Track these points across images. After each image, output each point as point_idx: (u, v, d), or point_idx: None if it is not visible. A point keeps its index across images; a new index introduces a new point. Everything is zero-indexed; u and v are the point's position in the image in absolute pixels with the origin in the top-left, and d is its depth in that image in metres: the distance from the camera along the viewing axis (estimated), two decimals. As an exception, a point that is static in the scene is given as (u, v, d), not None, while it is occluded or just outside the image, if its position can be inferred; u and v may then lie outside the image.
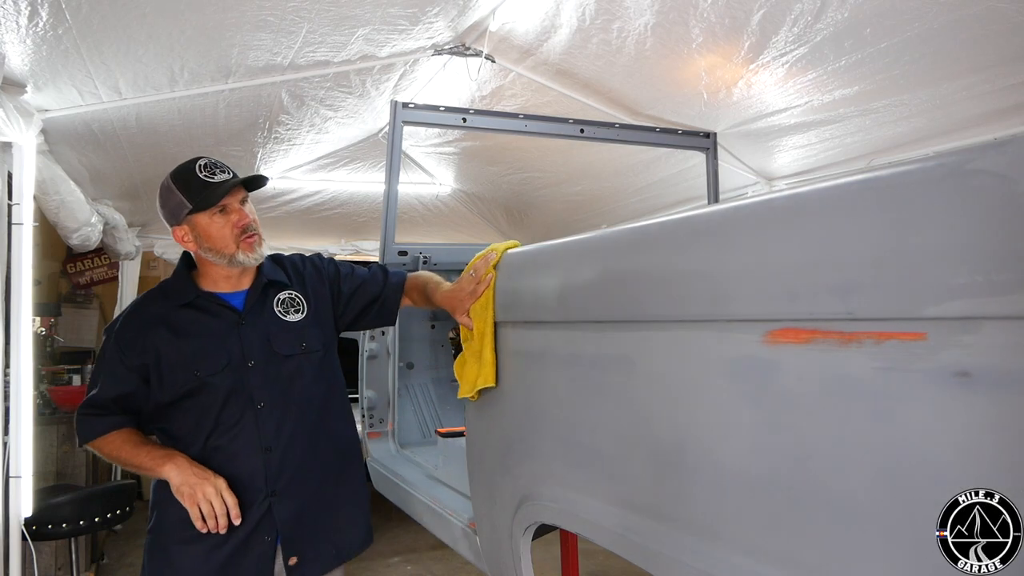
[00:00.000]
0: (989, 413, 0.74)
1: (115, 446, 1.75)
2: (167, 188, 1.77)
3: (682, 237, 1.20)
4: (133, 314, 1.81)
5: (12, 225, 2.60)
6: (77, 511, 3.20)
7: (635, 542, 1.22)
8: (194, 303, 1.80)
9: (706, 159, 3.45)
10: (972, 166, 0.77)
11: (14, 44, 2.31)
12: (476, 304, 1.75)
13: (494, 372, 1.71)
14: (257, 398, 1.76)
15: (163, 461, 1.69)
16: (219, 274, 1.82)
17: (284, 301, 1.87)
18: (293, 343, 1.83)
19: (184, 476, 1.66)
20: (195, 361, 1.74)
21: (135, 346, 1.75)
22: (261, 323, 1.81)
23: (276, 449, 1.76)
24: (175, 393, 1.74)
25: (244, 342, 1.78)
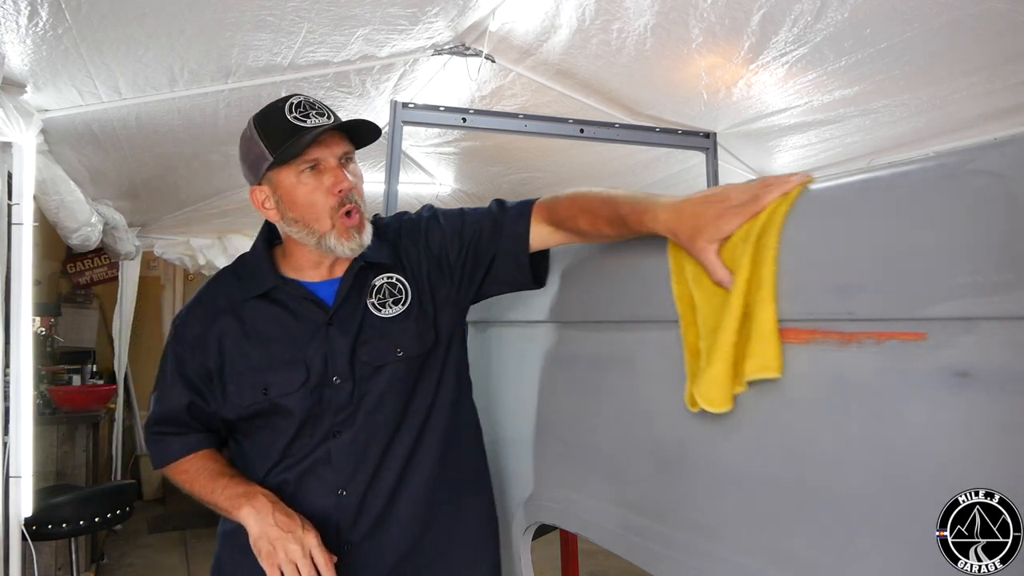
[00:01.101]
0: (989, 413, 0.74)
1: (189, 476, 1.39)
2: (247, 135, 1.34)
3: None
4: (198, 303, 1.44)
5: (12, 225, 2.60)
6: (77, 511, 3.21)
7: (635, 542, 1.22)
8: (272, 294, 1.38)
9: (706, 159, 3.45)
10: (972, 166, 0.77)
11: (14, 44, 2.30)
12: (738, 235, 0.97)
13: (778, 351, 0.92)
14: (337, 426, 1.36)
15: (241, 502, 1.30)
16: (307, 258, 1.39)
17: (382, 289, 1.39)
18: (386, 349, 1.37)
19: (263, 527, 1.26)
20: (265, 375, 1.35)
21: (198, 344, 1.39)
22: (353, 323, 1.37)
23: (352, 494, 1.36)
24: (238, 411, 1.38)
25: (330, 351, 1.35)
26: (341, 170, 1.32)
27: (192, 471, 1.39)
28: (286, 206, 1.33)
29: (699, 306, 1.02)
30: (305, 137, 1.27)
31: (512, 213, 1.40)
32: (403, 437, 1.39)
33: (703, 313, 1.01)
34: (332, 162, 1.32)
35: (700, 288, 1.03)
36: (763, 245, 0.94)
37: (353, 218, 1.33)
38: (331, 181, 1.31)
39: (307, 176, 1.31)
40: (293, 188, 1.31)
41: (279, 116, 1.29)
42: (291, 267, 1.42)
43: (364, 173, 1.43)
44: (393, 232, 1.46)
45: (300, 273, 1.41)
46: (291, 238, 1.39)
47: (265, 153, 1.30)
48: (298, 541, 1.25)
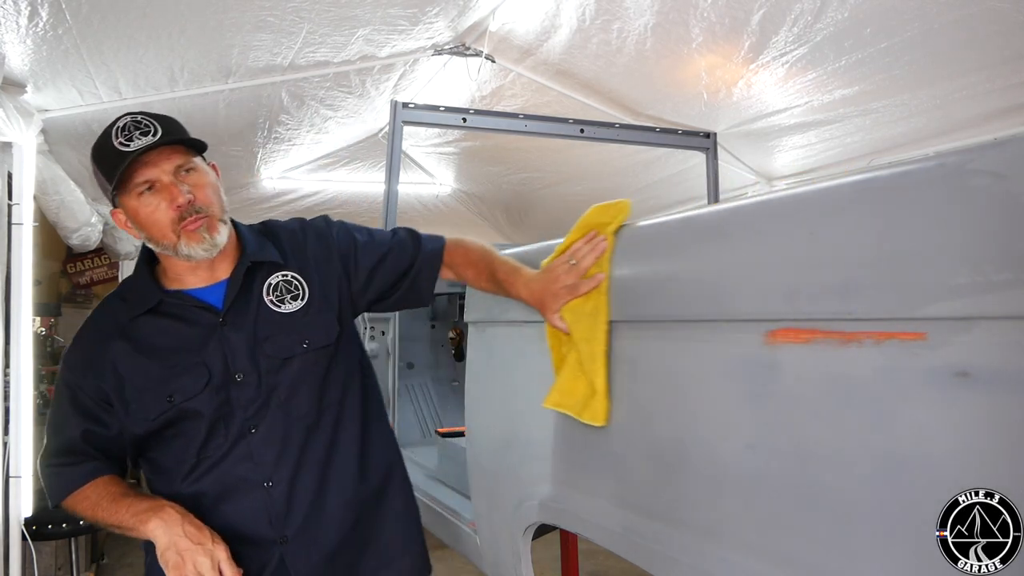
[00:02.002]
0: (989, 413, 0.74)
1: (91, 503, 1.34)
2: (93, 169, 1.36)
3: (682, 237, 1.20)
4: (85, 331, 1.42)
5: (12, 225, 2.60)
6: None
7: (635, 542, 1.22)
8: (159, 308, 1.38)
9: (706, 159, 3.45)
10: (972, 166, 0.77)
11: (14, 44, 2.31)
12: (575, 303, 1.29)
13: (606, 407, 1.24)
14: (249, 421, 1.36)
15: (148, 516, 1.26)
16: (182, 267, 1.39)
17: (278, 286, 1.42)
18: (292, 341, 1.39)
19: (172, 537, 1.23)
20: (167, 384, 1.34)
21: (91, 369, 1.37)
22: (248, 321, 1.38)
23: (279, 483, 1.37)
24: (146, 425, 1.35)
25: (228, 349, 1.36)
26: (175, 187, 1.31)
27: (93, 497, 1.34)
28: (138, 226, 1.35)
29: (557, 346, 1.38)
30: (123, 164, 1.27)
31: (427, 248, 1.55)
32: (323, 428, 1.42)
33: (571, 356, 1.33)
34: (165, 180, 1.32)
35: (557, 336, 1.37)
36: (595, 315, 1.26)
37: (197, 223, 1.32)
38: (169, 196, 1.31)
39: (147, 197, 1.31)
40: (136, 210, 1.33)
41: (107, 143, 1.31)
42: (173, 278, 1.42)
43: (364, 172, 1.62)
44: (294, 232, 1.52)
45: (182, 283, 1.41)
46: (161, 255, 1.40)
47: (105, 183, 1.33)
48: (207, 554, 1.22)
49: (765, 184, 3.93)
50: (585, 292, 1.27)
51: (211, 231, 1.34)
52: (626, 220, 1.31)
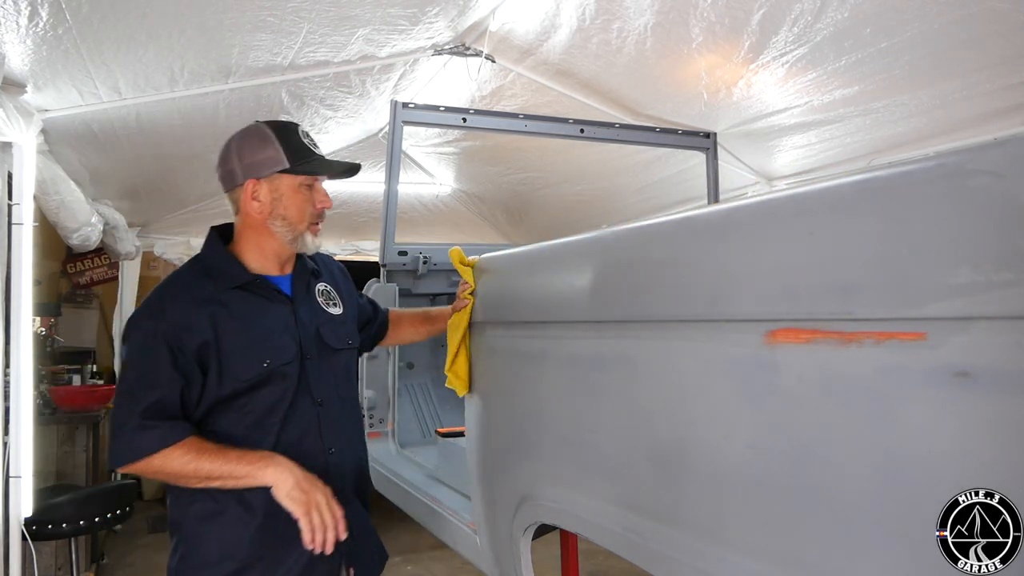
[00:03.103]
0: (989, 413, 0.74)
1: (189, 457, 1.44)
2: (259, 134, 1.57)
3: (682, 237, 1.21)
4: (178, 294, 1.54)
5: (12, 225, 2.60)
6: (77, 511, 3.20)
7: (635, 542, 1.22)
8: (246, 286, 1.57)
9: (706, 159, 3.45)
10: (972, 166, 0.77)
11: (14, 44, 2.31)
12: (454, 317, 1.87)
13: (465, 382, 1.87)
14: (318, 395, 1.60)
15: (265, 463, 1.45)
16: (270, 251, 1.61)
17: (323, 293, 1.71)
18: (341, 337, 1.69)
19: (296, 479, 1.44)
20: (263, 348, 1.52)
21: (191, 327, 1.48)
22: (310, 312, 1.64)
23: (338, 451, 1.62)
24: (236, 386, 1.50)
25: (302, 332, 1.60)
26: (327, 196, 1.63)
27: (193, 451, 1.45)
28: (282, 204, 1.57)
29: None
30: (326, 164, 1.61)
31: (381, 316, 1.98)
32: (355, 410, 1.74)
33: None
34: (322, 187, 1.63)
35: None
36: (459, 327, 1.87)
37: (318, 226, 1.64)
38: (321, 199, 1.62)
39: (304, 190, 1.59)
40: (292, 194, 1.57)
41: (295, 135, 1.59)
42: (253, 262, 1.62)
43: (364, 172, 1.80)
44: (325, 260, 1.83)
45: (259, 268, 1.62)
46: (265, 234, 1.60)
47: (282, 159, 1.55)
48: (323, 493, 1.46)
49: (765, 184, 3.93)
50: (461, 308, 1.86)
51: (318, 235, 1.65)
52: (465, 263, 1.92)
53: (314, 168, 1.58)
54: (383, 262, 2.91)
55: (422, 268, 3.00)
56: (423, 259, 2.99)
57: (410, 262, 2.98)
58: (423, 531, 2.44)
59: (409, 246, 2.99)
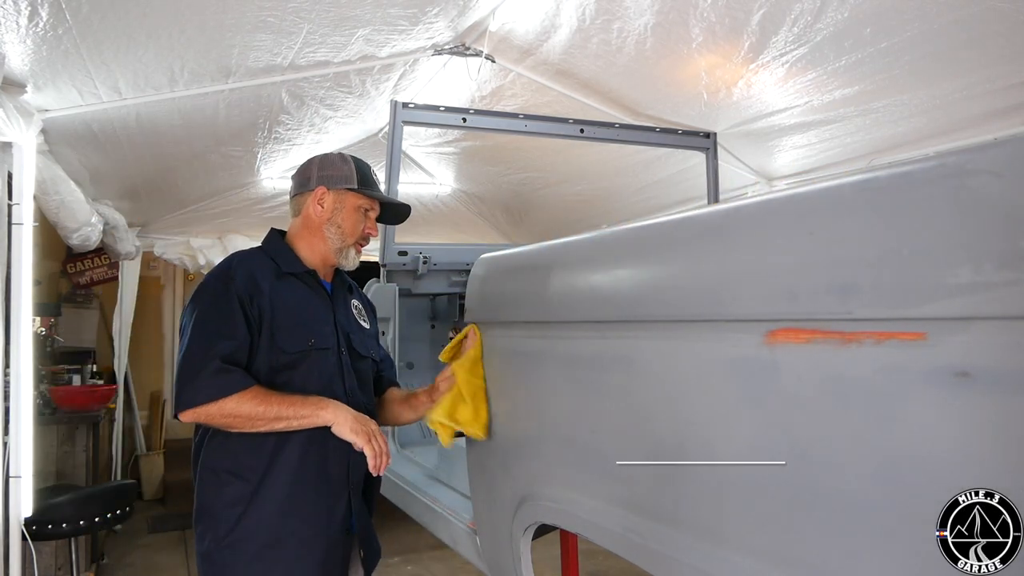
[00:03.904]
0: (989, 413, 0.74)
1: (260, 399, 1.59)
2: (341, 158, 1.85)
3: (682, 237, 1.21)
4: (246, 265, 1.73)
5: (12, 225, 2.60)
6: (77, 511, 3.20)
7: (635, 542, 1.22)
8: (300, 276, 1.78)
9: (706, 159, 3.45)
10: (972, 166, 0.77)
11: (14, 44, 2.31)
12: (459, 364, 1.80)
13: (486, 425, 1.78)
14: (348, 387, 1.76)
15: (324, 403, 1.65)
16: (319, 255, 1.82)
17: (356, 307, 1.91)
18: (367, 346, 1.87)
19: (352, 414, 1.65)
20: (309, 327, 1.72)
21: (257, 292, 1.67)
22: (346, 318, 1.83)
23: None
24: (281, 358, 1.66)
25: (339, 329, 1.79)
26: (376, 225, 1.88)
27: (261, 395, 1.60)
28: (342, 216, 1.81)
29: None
30: (382, 195, 1.88)
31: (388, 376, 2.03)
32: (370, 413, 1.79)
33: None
34: (374, 216, 1.88)
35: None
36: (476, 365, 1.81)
37: (362, 247, 1.87)
38: (370, 226, 1.86)
39: (361, 212, 1.83)
40: (350, 211, 1.82)
41: (368, 169, 1.87)
42: (305, 260, 1.82)
43: None
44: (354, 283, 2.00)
45: (311, 267, 1.81)
46: (319, 238, 1.81)
47: (353, 179, 1.82)
48: (376, 426, 1.67)
49: (765, 184, 3.93)
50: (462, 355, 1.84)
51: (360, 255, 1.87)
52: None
53: (376, 195, 1.85)
54: (383, 262, 2.91)
55: (422, 268, 3.00)
56: (423, 259, 2.99)
57: (410, 262, 2.98)
58: (423, 531, 2.44)
59: (409, 246, 2.99)
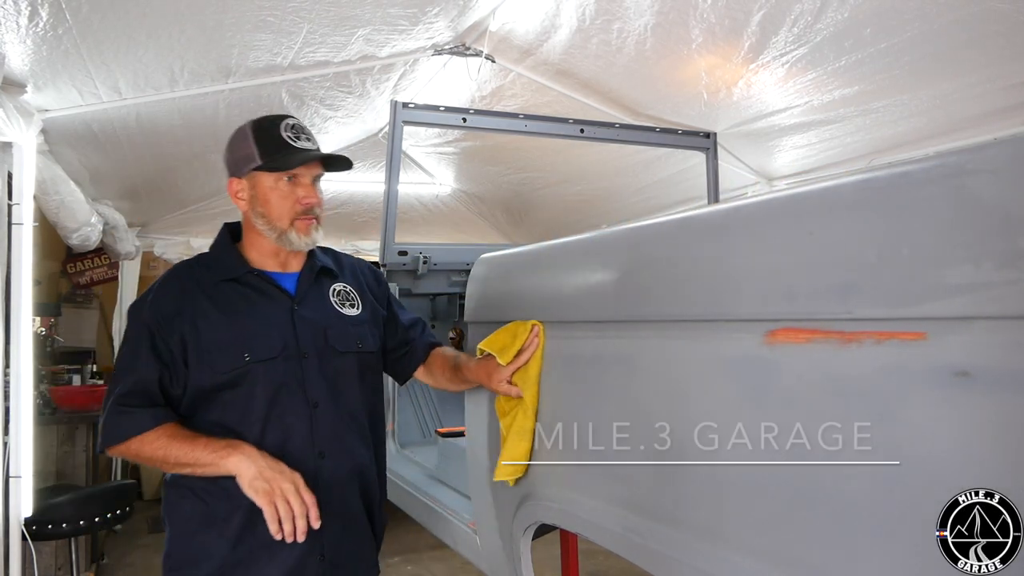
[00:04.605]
0: (989, 413, 0.74)
1: (161, 443, 1.44)
2: (242, 134, 1.58)
3: (682, 237, 1.21)
4: (168, 282, 1.56)
5: (12, 225, 2.60)
6: (77, 511, 3.20)
7: (635, 542, 1.22)
8: (242, 279, 1.57)
9: (706, 159, 3.45)
10: (972, 166, 0.77)
11: (14, 44, 2.31)
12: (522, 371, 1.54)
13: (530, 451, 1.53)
14: (312, 395, 1.54)
15: (227, 452, 1.41)
16: (267, 248, 1.60)
17: (339, 292, 1.67)
18: (349, 338, 1.61)
19: (258, 468, 1.39)
20: (245, 342, 1.50)
21: (174, 316, 1.49)
22: (315, 311, 1.60)
23: (330, 456, 1.54)
24: (217, 378, 1.48)
25: (300, 329, 1.56)
26: (312, 188, 1.57)
27: (165, 438, 1.44)
28: (259, 202, 1.55)
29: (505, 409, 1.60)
30: (296, 157, 1.53)
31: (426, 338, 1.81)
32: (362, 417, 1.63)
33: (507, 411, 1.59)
34: (307, 179, 1.57)
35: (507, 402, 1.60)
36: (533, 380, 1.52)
37: (310, 220, 1.57)
38: (303, 194, 1.55)
39: (284, 184, 1.54)
40: (270, 191, 1.55)
41: (274, 129, 1.55)
42: (254, 257, 1.61)
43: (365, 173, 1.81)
44: (352, 263, 1.78)
45: (262, 263, 1.61)
46: (255, 232, 1.59)
47: (255, 156, 1.53)
48: (290, 480, 1.40)
49: (765, 184, 3.93)
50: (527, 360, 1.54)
51: (317, 230, 1.59)
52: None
53: (280, 164, 1.52)
54: (383, 262, 2.90)
55: (422, 268, 3.00)
56: (423, 259, 2.99)
57: (410, 262, 2.98)
58: (423, 531, 2.44)
59: (409, 246, 2.98)
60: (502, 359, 1.54)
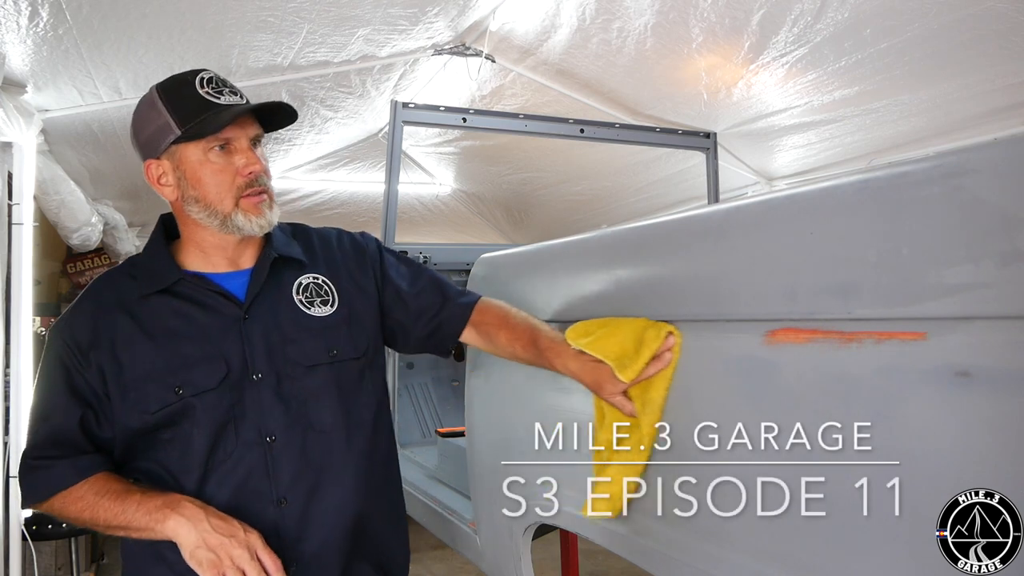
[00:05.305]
0: (989, 413, 0.74)
1: (88, 502, 1.16)
2: (148, 102, 1.25)
3: (682, 237, 1.21)
4: (82, 302, 1.26)
5: (12, 225, 2.60)
6: (77, 511, 3.20)
7: (635, 542, 1.22)
8: (174, 289, 1.24)
9: (706, 159, 3.45)
10: (971, 166, 0.77)
11: (14, 44, 2.31)
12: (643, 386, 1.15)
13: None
14: (266, 428, 1.22)
15: (165, 513, 1.12)
16: (210, 243, 1.26)
17: (308, 288, 1.31)
18: (318, 348, 1.27)
19: (199, 533, 1.10)
20: (177, 374, 1.20)
21: (90, 347, 1.20)
22: (272, 318, 1.26)
23: (295, 501, 1.22)
24: (145, 418, 1.19)
25: (248, 345, 1.23)
26: (252, 153, 1.23)
27: (91, 495, 1.17)
28: (189, 183, 1.21)
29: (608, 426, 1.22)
30: (224, 115, 1.19)
31: (458, 300, 1.42)
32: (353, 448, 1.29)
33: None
34: (244, 143, 1.22)
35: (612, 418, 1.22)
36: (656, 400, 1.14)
37: (261, 196, 1.24)
38: (243, 162, 1.21)
39: (216, 155, 1.21)
40: (199, 166, 1.20)
41: (190, 89, 1.21)
42: (194, 257, 1.28)
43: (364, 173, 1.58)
44: (326, 238, 1.41)
45: (205, 263, 1.28)
46: (191, 224, 1.25)
47: (171, 125, 1.20)
48: (242, 544, 1.11)
49: (765, 184, 3.93)
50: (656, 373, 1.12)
51: (270, 208, 1.25)
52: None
53: (204, 128, 1.18)
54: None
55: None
56: (423, 259, 2.99)
57: (410, 262, 2.98)
58: (423, 531, 2.44)
59: (409, 246, 2.98)
60: (623, 373, 1.14)
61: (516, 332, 1.35)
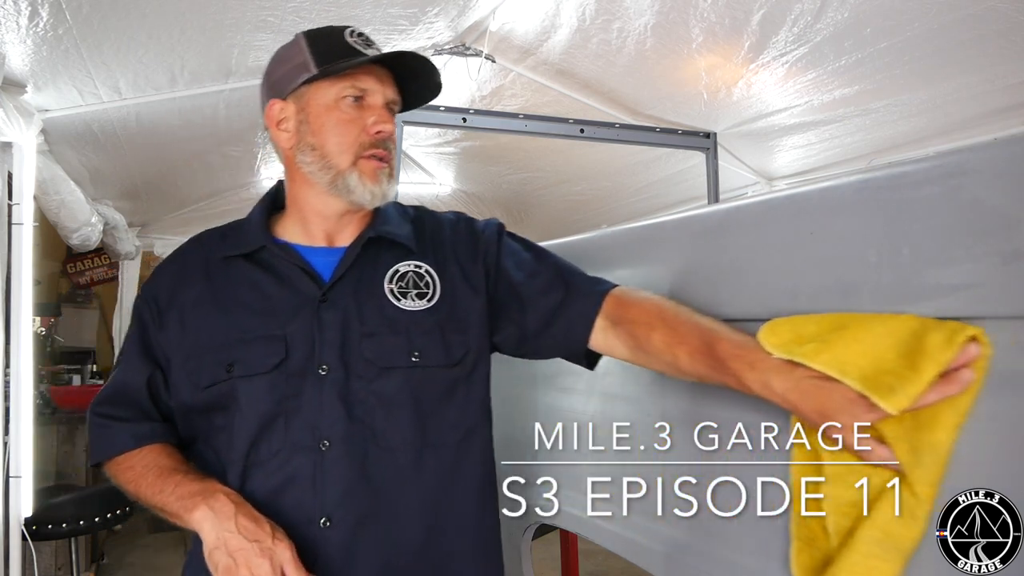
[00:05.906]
0: (989, 413, 0.74)
1: (135, 474, 1.07)
2: (290, 44, 1.16)
3: (682, 237, 1.20)
4: (171, 259, 1.19)
5: (12, 225, 2.60)
6: (77, 511, 3.20)
7: (636, 542, 1.22)
8: (257, 256, 1.13)
9: (706, 159, 3.45)
10: (971, 166, 0.77)
11: (14, 44, 2.31)
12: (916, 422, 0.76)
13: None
14: (321, 431, 1.05)
15: (196, 501, 1.00)
16: (312, 207, 1.14)
17: (405, 276, 1.12)
18: (397, 348, 1.08)
19: (221, 533, 0.96)
20: (232, 347, 1.07)
21: (166, 309, 1.12)
22: (354, 305, 1.09)
23: (341, 523, 1.04)
24: (196, 394, 1.09)
25: (319, 333, 1.07)
26: (387, 112, 1.12)
27: (140, 467, 1.07)
28: (310, 129, 1.11)
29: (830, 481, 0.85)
30: (363, 56, 1.09)
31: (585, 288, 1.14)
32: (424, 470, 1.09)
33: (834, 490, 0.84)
34: (380, 99, 1.12)
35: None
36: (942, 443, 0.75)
37: (383, 163, 1.12)
38: (373, 119, 1.10)
39: (347, 104, 1.10)
40: (327, 111, 1.10)
41: (336, 35, 1.12)
42: (290, 228, 1.17)
43: None
44: (441, 223, 1.22)
45: (299, 236, 1.15)
46: (298, 180, 1.14)
47: (308, 64, 1.10)
48: (266, 554, 0.94)
49: (765, 184, 3.93)
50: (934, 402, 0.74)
51: (389, 179, 1.13)
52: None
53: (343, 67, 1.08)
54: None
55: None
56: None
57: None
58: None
59: (409, 246, 2.99)
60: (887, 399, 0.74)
61: (679, 333, 1.00)
